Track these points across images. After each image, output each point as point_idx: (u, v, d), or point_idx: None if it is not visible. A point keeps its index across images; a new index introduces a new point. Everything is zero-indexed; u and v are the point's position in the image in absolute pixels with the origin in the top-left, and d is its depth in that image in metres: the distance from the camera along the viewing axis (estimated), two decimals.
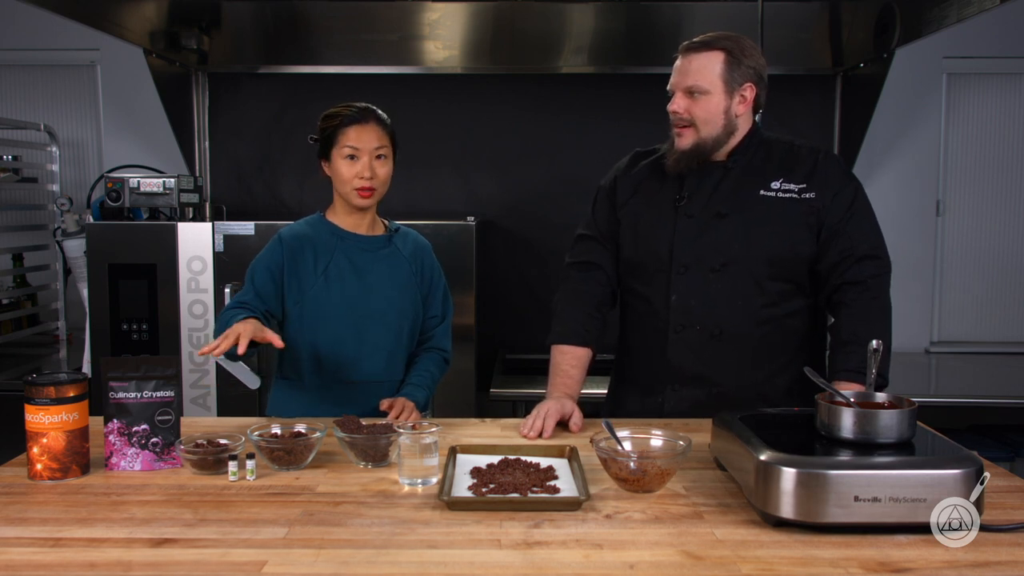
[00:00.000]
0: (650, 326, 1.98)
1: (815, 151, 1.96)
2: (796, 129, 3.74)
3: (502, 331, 3.74)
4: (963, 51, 3.77)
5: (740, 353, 1.92)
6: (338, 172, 2.01)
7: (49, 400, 1.51)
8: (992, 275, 3.93)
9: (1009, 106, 3.86)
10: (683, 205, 1.94)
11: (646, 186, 2.02)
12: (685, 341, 1.93)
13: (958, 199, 3.90)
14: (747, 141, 1.95)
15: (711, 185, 1.94)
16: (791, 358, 1.94)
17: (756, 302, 1.91)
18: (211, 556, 1.20)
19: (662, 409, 1.97)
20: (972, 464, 1.27)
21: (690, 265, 1.92)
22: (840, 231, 1.88)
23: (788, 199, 1.90)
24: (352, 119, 1.99)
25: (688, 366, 1.93)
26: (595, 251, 2.07)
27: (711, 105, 1.88)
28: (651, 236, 1.97)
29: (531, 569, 1.16)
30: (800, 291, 1.94)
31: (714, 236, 1.91)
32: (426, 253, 2.15)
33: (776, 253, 1.89)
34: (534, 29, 3.45)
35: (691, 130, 1.90)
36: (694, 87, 1.88)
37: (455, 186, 3.85)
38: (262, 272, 2.02)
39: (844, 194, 1.90)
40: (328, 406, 2.01)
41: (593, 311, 2.03)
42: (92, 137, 3.95)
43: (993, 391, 3.33)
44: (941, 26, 2.98)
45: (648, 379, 2.00)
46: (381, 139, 2.01)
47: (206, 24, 3.43)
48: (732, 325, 1.91)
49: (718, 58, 1.87)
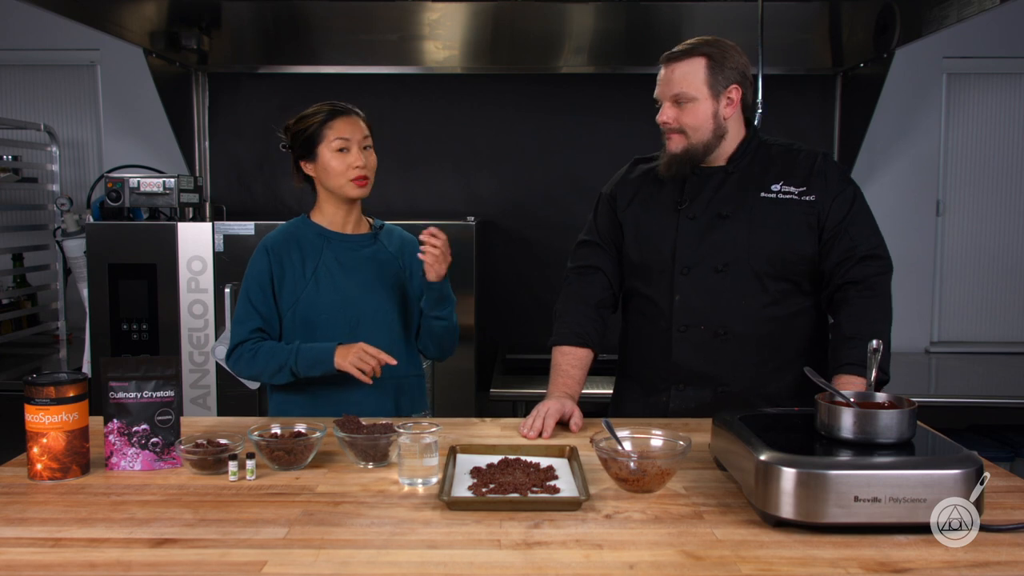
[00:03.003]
0: (654, 326, 1.99)
1: (813, 155, 1.97)
2: (796, 129, 3.75)
3: (502, 331, 3.74)
4: (963, 51, 3.77)
5: (744, 352, 1.92)
6: (329, 167, 2.01)
7: (49, 400, 1.51)
8: (992, 275, 3.93)
9: (1009, 106, 3.86)
10: (685, 208, 1.96)
11: (647, 191, 2.04)
12: (689, 341, 1.93)
13: (958, 199, 3.90)
14: (745, 146, 1.97)
15: (712, 188, 1.95)
16: (795, 357, 1.95)
17: (759, 301, 1.92)
18: (211, 556, 1.20)
19: (667, 408, 1.98)
20: (972, 464, 1.27)
21: (693, 266, 1.93)
22: (841, 232, 1.90)
23: (788, 200, 1.92)
24: (336, 112, 2.02)
25: (693, 365, 1.94)
26: (596, 256, 2.08)
27: (698, 111, 1.90)
28: (654, 238, 1.99)
29: (531, 569, 1.16)
30: (802, 291, 1.95)
31: (716, 237, 1.92)
32: (413, 248, 2.15)
33: (778, 253, 1.90)
34: (534, 29, 3.45)
35: (681, 136, 1.92)
36: (680, 95, 1.90)
37: (455, 186, 3.86)
38: (256, 290, 2.03)
39: (844, 196, 1.92)
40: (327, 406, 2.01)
41: (593, 313, 2.04)
42: (92, 137, 3.95)
43: (993, 391, 3.33)
44: (941, 26, 2.98)
45: (652, 379, 2.01)
46: (365, 130, 2.05)
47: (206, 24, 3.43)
48: (736, 324, 1.92)
49: (700, 64, 1.89)
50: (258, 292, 2.03)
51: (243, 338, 2.01)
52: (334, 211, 2.08)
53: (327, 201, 2.08)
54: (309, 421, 1.70)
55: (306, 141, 2.02)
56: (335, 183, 2.02)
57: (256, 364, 1.99)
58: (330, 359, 1.92)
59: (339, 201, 2.06)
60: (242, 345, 2.01)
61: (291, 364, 1.95)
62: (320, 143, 2.01)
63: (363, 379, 1.90)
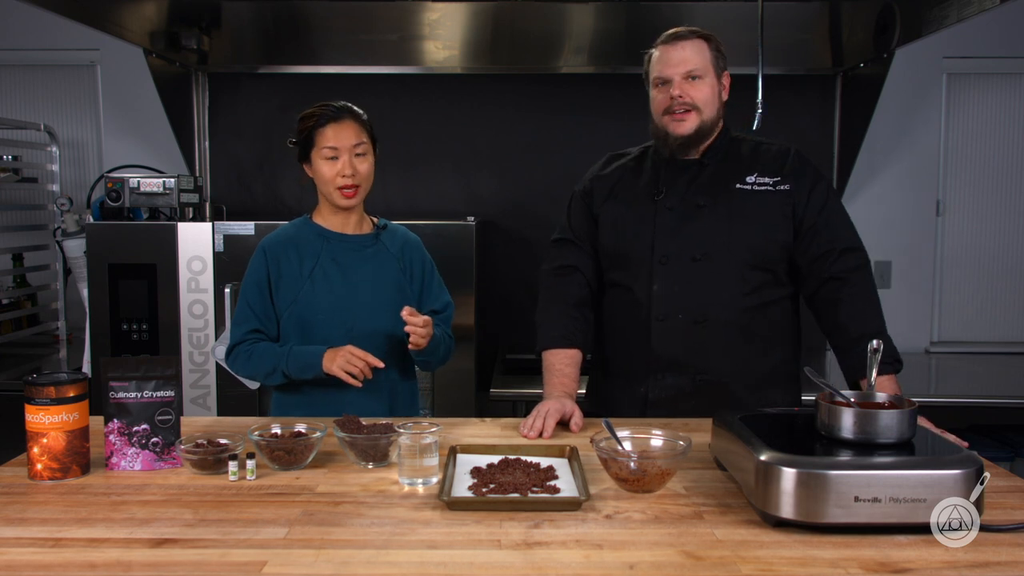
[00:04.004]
0: (632, 316, 2.00)
1: (785, 149, 2.02)
2: (796, 129, 3.75)
3: (502, 331, 3.74)
4: (963, 51, 3.77)
5: (722, 340, 1.95)
6: (319, 173, 2.01)
7: (49, 400, 1.52)
8: (992, 275, 3.92)
9: (1009, 106, 3.86)
10: (661, 199, 1.98)
11: (622, 185, 2.06)
12: (669, 329, 1.95)
13: (958, 199, 3.90)
14: (719, 139, 2.01)
15: (687, 180, 1.98)
16: (769, 344, 1.99)
17: (738, 290, 1.94)
18: (211, 556, 1.20)
19: (646, 398, 1.98)
20: (972, 464, 1.27)
21: (672, 255, 1.95)
22: (819, 226, 1.93)
23: (764, 191, 1.96)
24: (328, 118, 1.99)
25: (672, 354, 1.95)
26: (572, 254, 2.09)
27: (707, 88, 1.95)
28: (632, 230, 2.00)
29: (531, 569, 1.16)
30: (778, 281, 1.99)
31: (694, 227, 1.95)
32: (415, 248, 2.15)
33: (756, 242, 1.94)
34: (534, 29, 3.45)
35: (694, 114, 1.94)
36: (694, 71, 1.93)
37: (455, 186, 3.85)
38: (253, 292, 2.03)
39: (818, 189, 1.96)
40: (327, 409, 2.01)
41: (576, 313, 2.04)
42: (92, 137, 3.95)
43: (993, 391, 3.32)
44: (941, 26, 2.98)
45: (631, 369, 2.01)
46: (359, 135, 2.00)
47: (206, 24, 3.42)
48: (714, 312, 1.94)
49: (704, 45, 1.96)
50: (255, 293, 2.03)
51: (240, 339, 2.02)
52: (332, 213, 2.08)
53: (325, 202, 2.08)
54: (309, 421, 1.70)
55: (304, 143, 2.02)
56: (324, 190, 2.03)
57: (251, 365, 2.00)
58: (319, 363, 1.93)
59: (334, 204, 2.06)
60: (239, 346, 2.02)
61: (282, 367, 1.96)
62: (313, 148, 2.00)
63: (352, 383, 1.90)
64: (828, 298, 1.91)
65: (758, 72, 2.94)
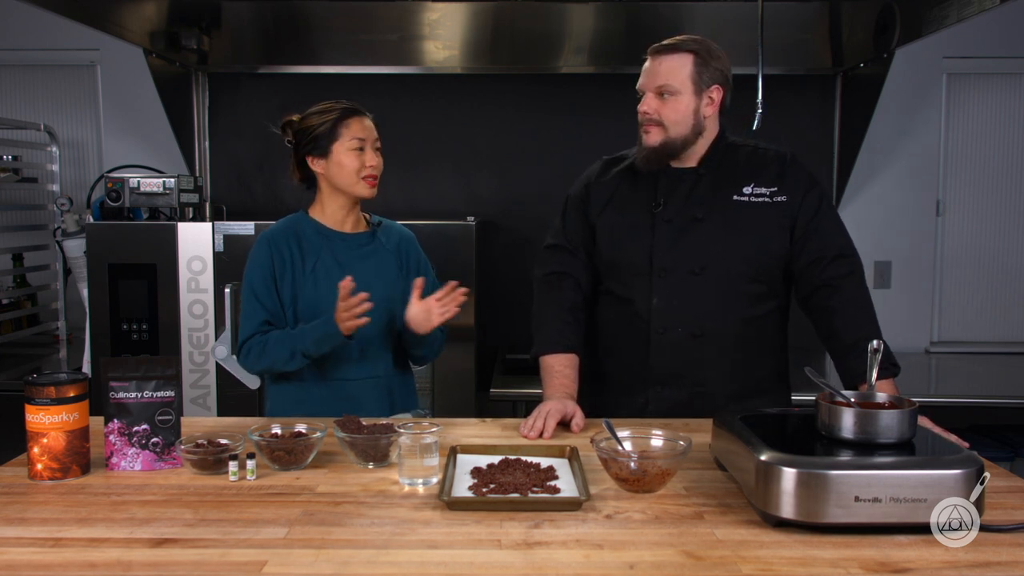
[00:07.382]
0: (631, 329, 1.99)
1: (782, 155, 2.00)
2: (796, 129, 3.75)
3: (502, 331, 3.74)
4: (963, 51, 3.77)
5: (719, 352, 1.95)
6: (343, 165, 2.02)
7: (49, 400, 1.51)
8: (992, 275, 3.92)
9: (1009, 106, 3.86)
10: (659, 211, 1.97)
11: (620, 193, 2.04)
12: (668, 343, 1.95)
13: (958, 199, 3.90)
14: (716, 146, 1.99)
15: (685, 190, 1.97)
16: (763, 355, 2.00)
17: (736, 303, 1.95)
18: (211, 556, 1.20)
19: (645, 410, 1.98)
20: (972, 464, 1.27)
21: (670, 269, 1.94)
22: (812, 232, 1.93)
23: (761, 203, 1.94)
24: (353, 112, 2.04)
25: (671, 367, 1.95)
26: (565, 261, 2.08)
27: (681, 105, 1.92)
28: (630, 241, 1.99)
29: (531, 569, 1.16)
30: (772, 292, 1.99)
31: (692, 240, 1.94)
32: (410, 244, 2.17)
33: (753, 255, 1.94)
34: (534, 29, 3.45)
35: (659, 128, 1.93)
36: (665, 87, 1.91)
37: (455, 186, 3.86)
38: (259, 283, 2.03)
39: (812, 195, 1.96)
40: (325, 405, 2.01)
41: (570, 317, 2.04)
42: (92, 137, 3.95)
43: (993, 391, 3.32)
44: (941, 26, 2.98)
45: (630, 381, 2.01)
46: (376, 130, 2.08)
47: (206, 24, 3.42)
48: (712, 325, 1.94)
49: (687, 60, 1.91)
50: (261, 285, 2.02)
51: (251, 332, 2.01)
52: (336, 208, 2.08)
53: (331, 198, 2.08)
54: (309, 421, 1.70)
55: (318, 138, 2.02)
56: (346, 181, 2.03)
57: (266, 356, 1.98)
58: (335, 331, 1.91)
59: (344, 199, 2.07)
60: (251, 339, 2.01)
61: (301, 348, 1.95)
62: (335, 141, 2.02)
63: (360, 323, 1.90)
64: (821, 305, 1.92)
65: (758, 72, 2.94)
